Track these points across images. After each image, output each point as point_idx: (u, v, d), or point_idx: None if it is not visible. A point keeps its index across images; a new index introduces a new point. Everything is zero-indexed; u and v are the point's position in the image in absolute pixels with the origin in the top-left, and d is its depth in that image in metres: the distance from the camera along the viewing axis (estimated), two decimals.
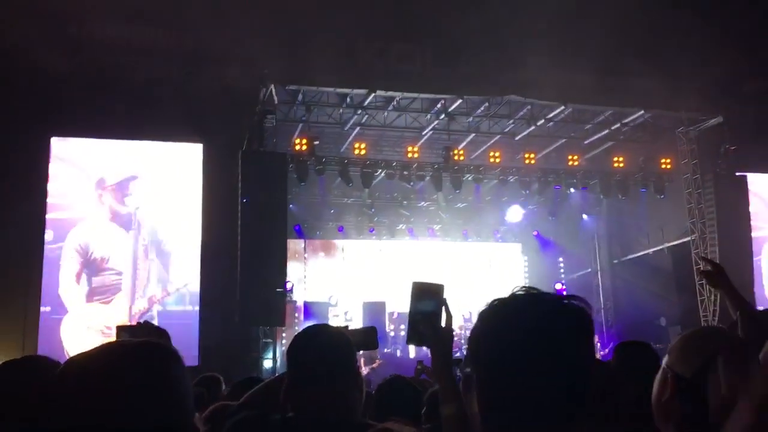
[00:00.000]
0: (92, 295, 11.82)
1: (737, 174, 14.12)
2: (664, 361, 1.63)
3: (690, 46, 11.97)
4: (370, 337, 2.24)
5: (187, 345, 11.31)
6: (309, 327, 2.11)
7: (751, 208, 14.17)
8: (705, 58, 12.15)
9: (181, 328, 11.42)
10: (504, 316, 1.30)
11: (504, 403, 1.25)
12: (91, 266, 11.92)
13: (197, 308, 12.14)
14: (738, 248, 13.54)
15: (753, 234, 14.12)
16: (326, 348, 1.94)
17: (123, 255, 12.10)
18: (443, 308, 1.80)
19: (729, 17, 11.77)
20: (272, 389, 2.11)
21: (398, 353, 15.19)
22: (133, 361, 1.13)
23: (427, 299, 1.81)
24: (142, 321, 2.59)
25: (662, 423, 1.59)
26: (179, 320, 11.84)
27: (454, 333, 1.84)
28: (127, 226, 12.20)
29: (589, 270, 17.68)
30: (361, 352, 2.34)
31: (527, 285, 1.37)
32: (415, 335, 1.80)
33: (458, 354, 9.66)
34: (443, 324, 1.79)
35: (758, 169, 14.51)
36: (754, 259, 14.12)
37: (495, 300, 1.34)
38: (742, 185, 14.11)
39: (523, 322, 1.27)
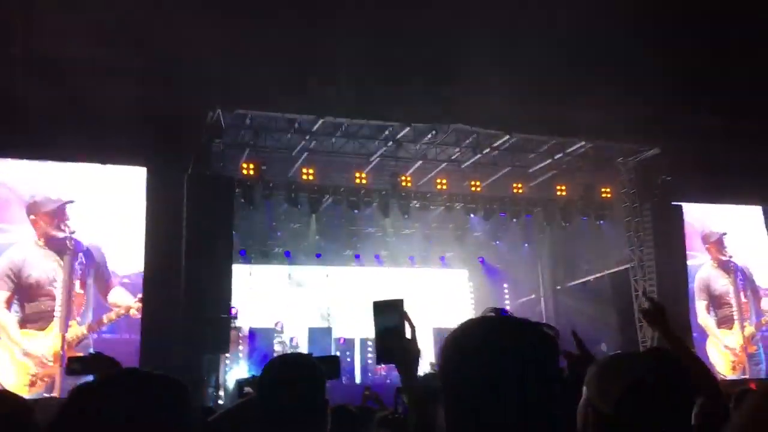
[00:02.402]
0: (26, 321, 11.33)
1: (673, 204, 14.65)
2: (584, 392, 1.61)
3: (630, 79, 12.41)
4: (332, 366, 2.23)
5: None
6: (281, 356, 2.08)
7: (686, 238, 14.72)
8: (644, 91, 12.64)
9: (120, 356, 11.02)
10: (477, 337, 1.33)
11: (473, 424, 1.26)
12: (23, 292, 11.44)
13: (136, 336, 11.77)
14: (674, 276, 14.01)
15: (688, 262, 14.62)
16: (297, 378, 1.92)
17: (58, 280, 11.66)
18: (405, 322, 1.84)
19: (669, 51, 12.27)
20: (236, 417, 2.07)
21: (343, 380, 15.05)
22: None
23: (389, 315, 1.84)
24: (92, 351, 2.50)
25: None
26: (118, 348, 11.45)
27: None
28: (63, 250, 11.77)
29: (533, 296, 17.97)
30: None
31: (476, 312, 1.40)
32: (384, 353, 1.83)
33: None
34: (408, 336, 1.83)
35: (693, 199, 15.07)
36: (690, 286, 14.60)
37: (468, 320, 1.37)
38: (678, 214, 14.66)
39: (497, 343, 1.29)
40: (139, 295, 11.86)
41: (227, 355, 12.82)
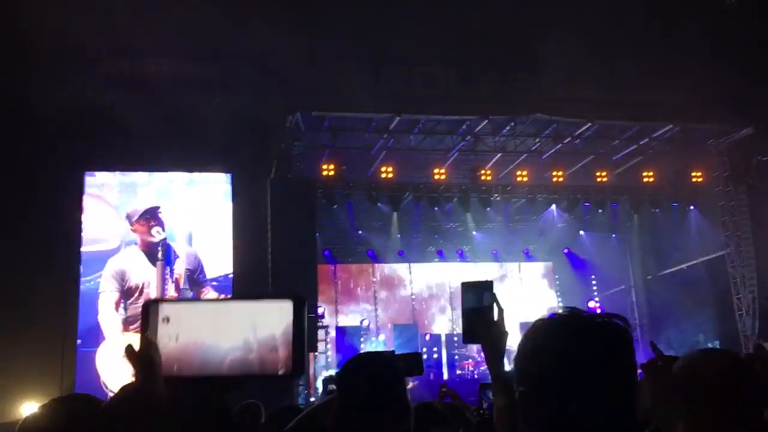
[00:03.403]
0: (128, 324, 11.93)
1: None
2: None
3: (717, 58, 11.84)
4: (416, 362, 2.23)
5: None
6: (362, 354, 2.11)
7: None
8: (733, 69, 12.02)
9: None
10: (548, 336, 1.33)
11: (549, 422, 1.27)
12: (127, 294, 12.06)
13: None
14: None
15: None
16: (378, 375, 1.94)
17: (152, 284, 12.22)
18: (494, 303, 1.84)
19: (757, 27, 11.63)
20: (318, 416, 2.10)
21: (431, 376, 15.07)
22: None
23: (477, 296, 1.85)
24: None
25: None
26: None
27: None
28: (156, 255, 12.32)
29: (623, 287, 17.43)
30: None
31: (563, 305, 1.39)
32: (470, 333, 1.84)
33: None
34: (495, 318, 1.84)
35: None
36: None
37: (538, 320, 1.37)
38: None
39: (568, 342, 1.30)
40: (226, 297, 12.23)
41: (315, 353, 13.05)
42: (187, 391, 1.21)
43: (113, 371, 11.46)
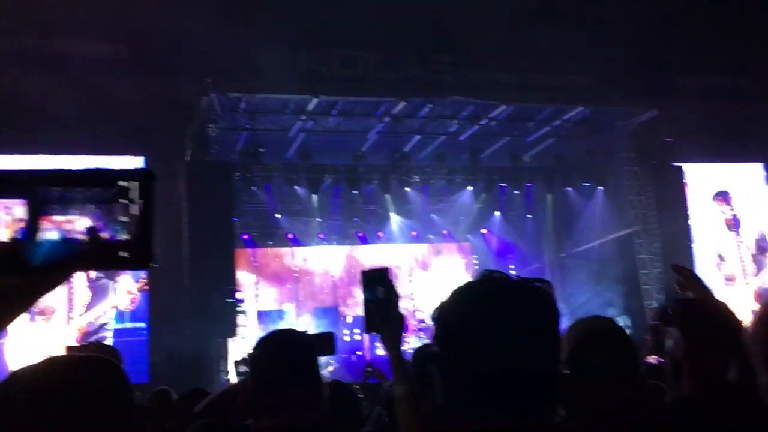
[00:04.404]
0: (34, 313, 11.42)
1: (674, 165, 14.59)
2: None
3: (624, 42, 12.31)
4: (327, 342, 2.23)
5: (137, 361, 11.07)
6: (272, 332, 2.08)
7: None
8: (638, 53, 12.54)
9: (130, 344, 11.16)
10: (477, 296, 1.32)
11: (472, 383, 1.25)
12: None
13: (145, 324, 11.86)
14: (678, 237, 14.00)
15: (690, 222, 14.61)
16: (290, 353, 1.92)
17: None
18: (390, 291, 1.85)
19: (659, 13, 12.15)
20: (228, 397, 2.07)
21: (353, 357, 15.16)
22: (78, 375, 1.10)
23: (376, 285, 1.85)
24: (91, 341, 2.52)
25: None
26: (127, 337, 11.55)
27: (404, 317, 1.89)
28: None
29: (538, 265, 17.96)
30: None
31: (487, 269, 1.39)
32: (370, 323, 1.85)
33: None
34: (392, 306, 1.85)
35: (693, 160, 15.00)
36: (693, 246, 14.59)
37: (468, 281, 1.36)
38: (679, 175, 14.61)
39: (497, 302, 1.28)
40: (141, 280, 11.90)
41: (234, 339, 12.88)
42: None
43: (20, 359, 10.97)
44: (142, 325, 11.88)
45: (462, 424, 1.27)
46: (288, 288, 16.36)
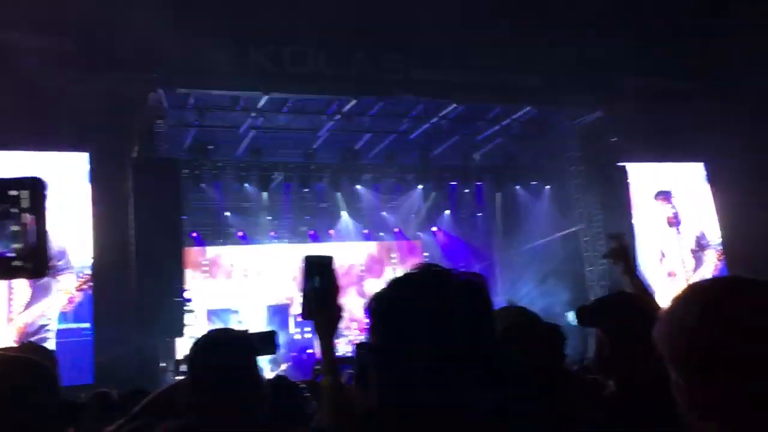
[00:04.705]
0: None
1: (618, 164, 14.97)
2: None
3: (571, 43, 12.55)
4: (268, 341, 2.22)
5: (80, 362, 10.82)
6: (210, 331, 2.07)
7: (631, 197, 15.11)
8: (584, 54, 12.82)
9: (73, 345, 10.92)
10: (412, 287, 1.32)
11: (406, 375, 1.25)
12: None
13: (90, 324, 11.59)
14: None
15: (633, 221, 15.01)
16: (227, 352, 1.91)
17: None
18: (331, 280, 1.83)
19: (606, 14, 12.42)
20: (166, 397, 2.06)
21: (304, 356, 15.11)
22: None
23: (317, 273, 1.84)
24: (25, 341, 2.47)
25: None
26: (71, 337, 11.28)
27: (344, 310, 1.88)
28: None
29: (488, 262, 18.19)
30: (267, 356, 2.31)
31: (422, 263, 1.40)
32: (308, 311, 1.84)
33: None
34: (331, 295, 1.83)
35: (637, 159, 15.41)
36: (636, 243, 14.97)
37: (403, 274, 1.36)
38: (623, 174, 14.99)
39: (432, 292, 1.29)
40: (80, 279, 11.61)
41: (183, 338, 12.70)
42: None
43: None
44: (87, 325, 11.59)
45: (396, 414, 1.27)
46: (238, 286, 16.20)
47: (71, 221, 11.77)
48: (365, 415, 1.46)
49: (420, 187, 15.75)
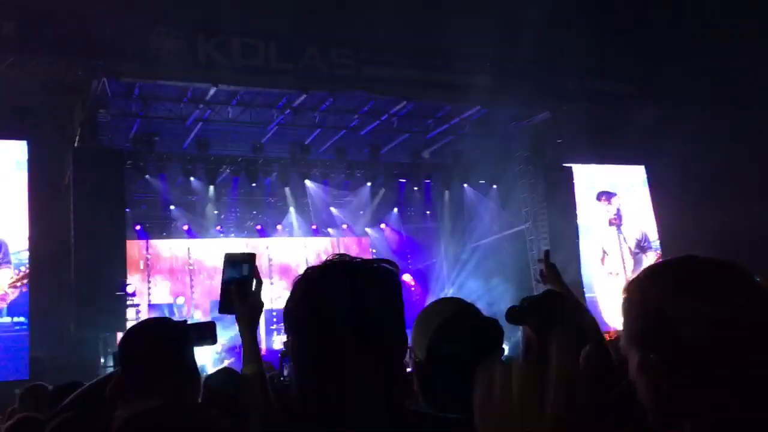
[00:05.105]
0: None
1: (564, 165, 15.27)
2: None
3: (520, 43, 12.73)
4: (208, 331, 2.17)
5: (16, 357, 10.49)
6: (142, 321, 2.03)
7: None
8: (533, 56, 13.02)
9: (7, 340, 10.59)
10: (312, 281, 1.33)
11: (322, 370, 1.26)
12: None
13: (25, 318, 11.21)
14: (566, 234, 14.65)
15: (578, 221, 15.33)
16: (159, 341, 1.87)
17: None
18: (253, 275, 1.87)
19: (553, 17, 12.62)
20: (99, 389, 2.00)
21: None
22: None
23: (238, 268, 1.87)
24: None
25: None
26: (5, 332, 10.90)
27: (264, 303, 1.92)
28: None
29: (435, 260, 18.32)
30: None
31: (340, 253, 1.40)
32: (226, 304, 1.85)
33: None
34: (253, 290, 1.87)
35: (582, 161, 15.75)
36: (580, 243, 15.31)
37: (309, 268, 1.37)
38: (568, 175, 15.31)
39: (333, 284, 1.30)
40: (14, 277, 11.22)
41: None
42: None
43: None
44: (22, 319, 11.21)
45: (312, 408, 1.27)
46: (182, 281, 15.92)
47: (8, 213, 11.37)
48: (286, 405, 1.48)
49: (369, 183, 15.76)
